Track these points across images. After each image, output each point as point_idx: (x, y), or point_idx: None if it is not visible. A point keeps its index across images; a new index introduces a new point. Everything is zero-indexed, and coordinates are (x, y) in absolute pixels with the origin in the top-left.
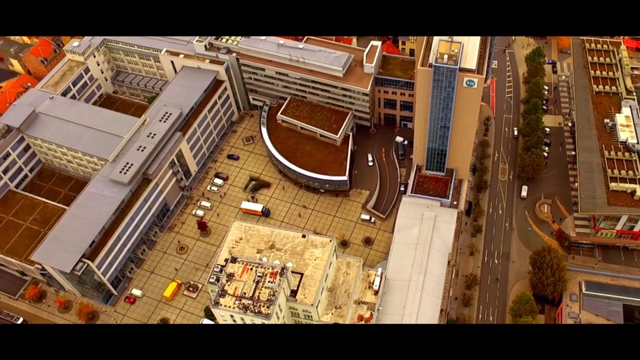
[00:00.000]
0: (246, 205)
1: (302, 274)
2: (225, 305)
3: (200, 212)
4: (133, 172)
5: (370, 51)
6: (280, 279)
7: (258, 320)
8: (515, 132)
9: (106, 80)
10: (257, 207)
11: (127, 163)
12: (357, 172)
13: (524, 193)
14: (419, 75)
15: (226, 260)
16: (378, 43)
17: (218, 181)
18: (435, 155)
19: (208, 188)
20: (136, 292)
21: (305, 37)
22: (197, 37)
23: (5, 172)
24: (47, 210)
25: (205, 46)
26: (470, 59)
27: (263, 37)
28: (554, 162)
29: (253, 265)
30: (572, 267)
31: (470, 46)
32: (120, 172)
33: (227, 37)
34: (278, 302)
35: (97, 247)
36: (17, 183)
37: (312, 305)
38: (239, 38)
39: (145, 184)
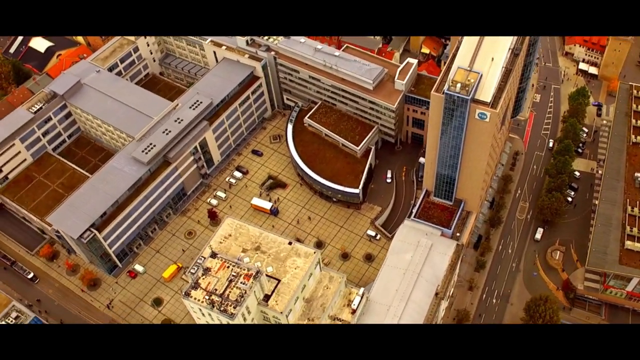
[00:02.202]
0: (256, 201)
1: (279, 280)
2: (195, 298)
3: (214, 201)
4: (154, 153)
5: (405, 68)
6: (252, 282)
7: (223, 319)
8: (551, 144)
9: (154, 61)
10: (267, 205)
11: (151, 144)
12: (374, 187)
13: (538, 235)
14: (432, 100)
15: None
16: (414, 61)
17: (238, 174)
18: (444, 183)
19: (227, 179)
20: (139, 267)
21: (345, 45)
22: None
23: (44, 134)
24: (74, 176)
25: (247, 41)
26: (486, 91)
27: (302, 40)
28: (578, 209)
29: (230, 264)
30: (570, 322)
31: (489, 77)
32: (143, 151)
33: (268, 35)
34: (246, 304)
35: (107, 219)
36: (54, 146)
37: (281, 313)
38: (279, 37)
39: (164, 166)
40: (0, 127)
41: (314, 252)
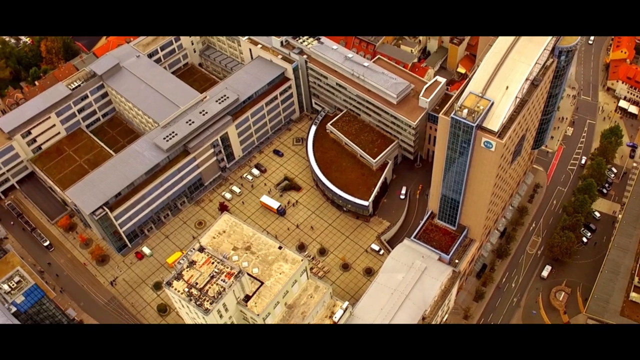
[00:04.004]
0: (265, 199)
1: (262, 283)
2: (176, 289)
3: (228, 195)
4: (174, 141)
5: (432, 86)
6: (233, 281)
7: (199, 313)
8: (583, 160)
9: (194, 51)
10: (275, 204)
11: (173, 132)
12: (386, 202)
13: (545, 273)
14: (439, 122)
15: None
16: (443, 79)
17: (255, 171)
18: (448, 207)
19: (244, 175)
20: (146, 250)
21: (377, 56)
22: None
23: (80, 111)
24: (101, 154)
25: (282, 42)
26: (495, 120)
27: (335, 46)
28: (592, 251)
29: (215, 260)
30: None
31: (500, 106)
32: (164, 138)
33: (303, 37)
34: (223, 302)
35: (121, 199)
36: (88, 124)
37: (258, 315)
38: (314, 42)
39: (183, 155)
40: (39, 100)
41: (302, 260)
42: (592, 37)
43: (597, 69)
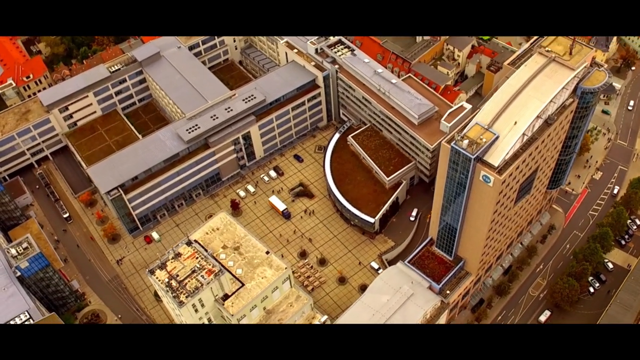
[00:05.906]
0: (273, 200)
1: (243, 284)
2: (157, 278)
3: (242, 193)
4: (196, 134)
5: (455, 111)
6: (212, 279)
7: (175, 305)
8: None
9: (236, 49)
10: (281, 206)
11: (196, 125)
12: (395, 221)
13: (543, 317)
14: (441, 149)
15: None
16: (469, 106)
17: (272, 174)
18: (446, 236)
19: (261, 176)
20: (155, 235)
21: (408, 74)
22: (314, 37)
23: (117, 93)
24: (129, 137)
25: (317, 49)
26: (497, 155)
27: (367, 59)
28: (599, 303)
29: (200, 256)
30: None
31: (505, 141)
32: (187, 130)
33: (337, 47)
34: (199, 297)
35: (137, 183)
36: (124, 106)
37: (232, 315)
38: (348, 53)
39: (203, 149)
40: (80, 78)
41: (285, 268)
42: (631, 102)
43: (639, 114)
